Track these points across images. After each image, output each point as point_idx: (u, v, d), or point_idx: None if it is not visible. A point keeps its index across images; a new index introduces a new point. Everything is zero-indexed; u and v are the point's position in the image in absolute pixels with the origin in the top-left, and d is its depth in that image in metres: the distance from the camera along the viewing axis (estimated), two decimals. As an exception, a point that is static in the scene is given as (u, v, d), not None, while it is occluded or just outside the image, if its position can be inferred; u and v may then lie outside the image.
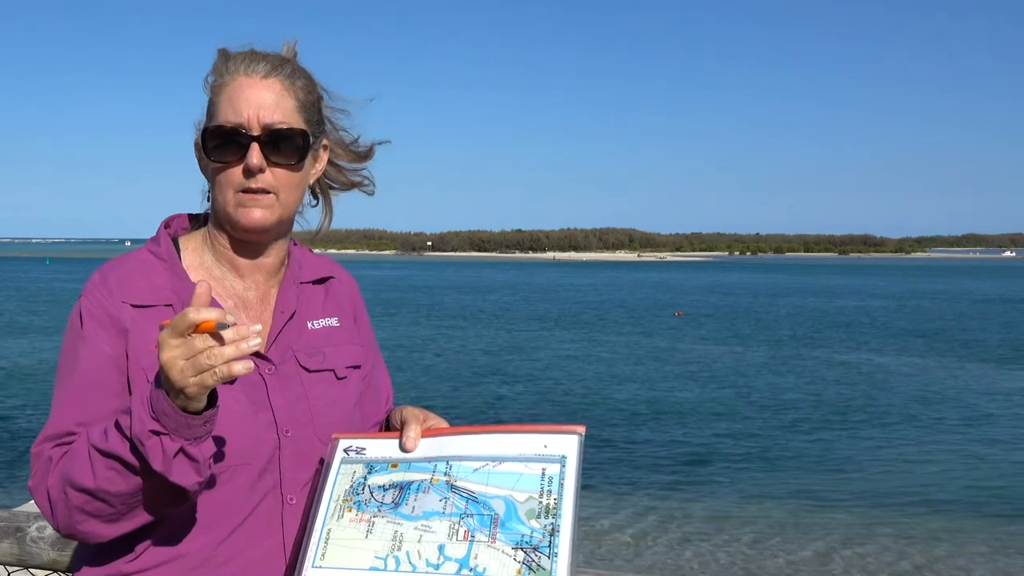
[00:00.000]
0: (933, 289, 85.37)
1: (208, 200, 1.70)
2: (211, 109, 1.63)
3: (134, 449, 1.39)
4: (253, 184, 1.59)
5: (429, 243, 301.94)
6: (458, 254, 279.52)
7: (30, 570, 2.33)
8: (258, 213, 1.61)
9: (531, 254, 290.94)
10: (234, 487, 1.56)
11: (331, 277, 1.82)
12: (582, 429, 1.55)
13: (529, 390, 24.04)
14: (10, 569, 2.33)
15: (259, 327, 1.36)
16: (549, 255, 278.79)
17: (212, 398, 1.40)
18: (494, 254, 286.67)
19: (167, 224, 1.73)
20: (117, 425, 1.42)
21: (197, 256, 1.68)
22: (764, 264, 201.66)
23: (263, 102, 1.59)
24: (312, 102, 1.67)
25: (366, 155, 1.83)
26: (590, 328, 42.61)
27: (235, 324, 1.34)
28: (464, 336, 37.87)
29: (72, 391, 1.55)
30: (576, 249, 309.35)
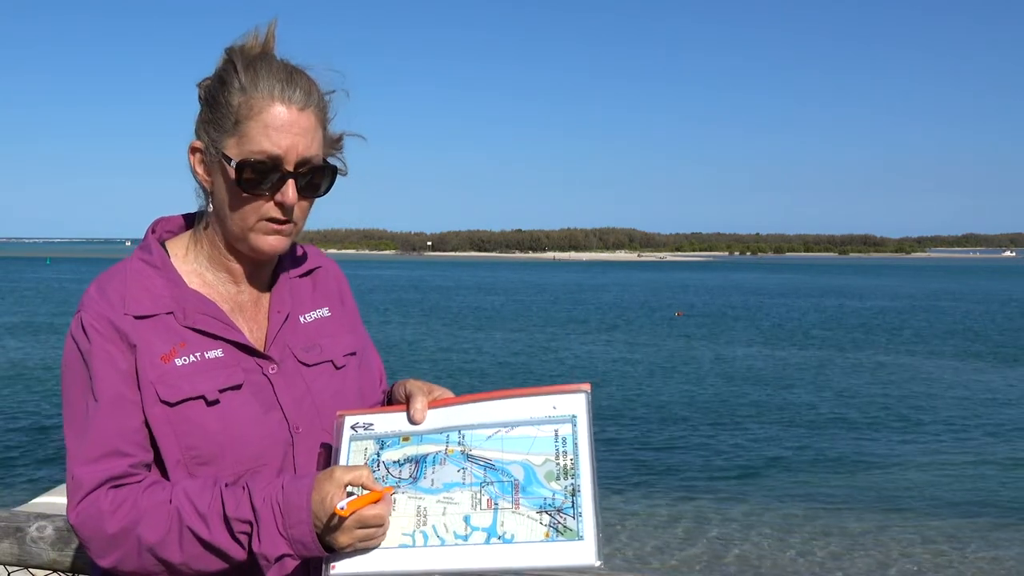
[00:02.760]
0: (947, 289, 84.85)
1: (207, 201, 1.66)
2: (240, 128, 1.56)
3: (239, 543, 1.48)
4: (282, 216, 1.60)
5: (429, 243, 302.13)
6: (458, 254, 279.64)
7: (30, 570, 2.32)
8: (276, 240, 1.61)
9: (531, 254, 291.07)
10: None
11: (318, 267, 1.82)
12: (587, 387, 1.55)
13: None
14: (10, 569, 2.32)
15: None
16: (549, 255, 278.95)
17: None
18: (494, 254, 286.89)
19: (153, 229, 1.72)
20: (225, 520, 1.47)
21: (188, 261, 1.67)
22: (768, 264, 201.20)
23: (301, 136, 1.57)
24: (328, 128, 1.69)
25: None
26: (628, 330, 42.17)
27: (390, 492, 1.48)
28: (501, 338, 37.52)
29: (100, 408, 1.52)
30: (576, 249, 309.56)
